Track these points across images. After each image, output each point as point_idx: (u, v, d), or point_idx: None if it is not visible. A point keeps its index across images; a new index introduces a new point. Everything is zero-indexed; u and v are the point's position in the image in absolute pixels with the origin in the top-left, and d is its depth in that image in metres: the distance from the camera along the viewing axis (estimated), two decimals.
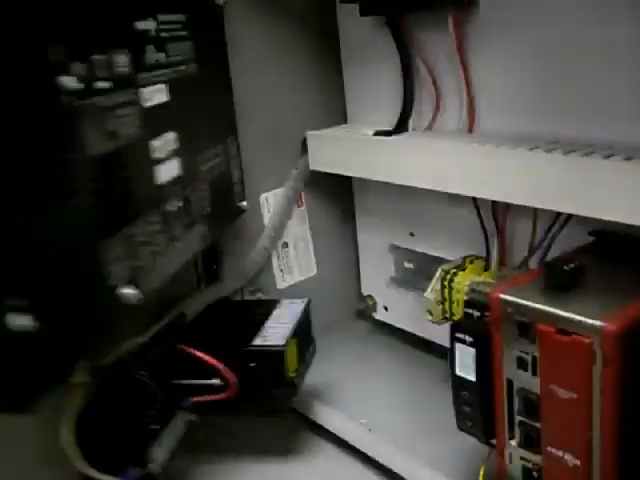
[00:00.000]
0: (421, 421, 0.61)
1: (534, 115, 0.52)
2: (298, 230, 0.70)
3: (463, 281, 0.57)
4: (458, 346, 0.47)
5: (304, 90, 0.69)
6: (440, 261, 0.62)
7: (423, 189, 0.57)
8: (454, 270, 0.58)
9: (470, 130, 0.56)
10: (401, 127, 0.60)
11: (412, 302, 0.68)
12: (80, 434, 0.47)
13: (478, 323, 0.46)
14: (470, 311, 0.47)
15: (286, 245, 0.70)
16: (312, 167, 0.67)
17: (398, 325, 0.71)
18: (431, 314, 0.59)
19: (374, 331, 0.76)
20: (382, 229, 0.70)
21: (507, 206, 0.56)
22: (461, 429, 0.49)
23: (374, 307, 0.73)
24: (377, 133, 0.61)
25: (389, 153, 0.58)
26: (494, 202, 0.56)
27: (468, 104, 0.56)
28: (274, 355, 0.55)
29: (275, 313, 0.60)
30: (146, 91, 0.46)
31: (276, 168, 0.68)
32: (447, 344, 0.63)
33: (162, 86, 0.49)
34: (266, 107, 0.66)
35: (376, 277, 0.72)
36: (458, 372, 0.47)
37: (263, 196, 0.67)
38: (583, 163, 0.46)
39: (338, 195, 0.73)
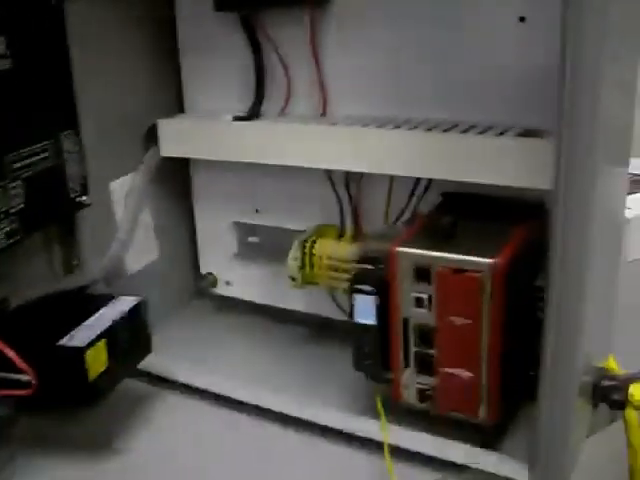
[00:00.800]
0: (298, 373, 0.67)
1: (380, 100, 0.62)
2: (141, 216, 0.73)
3: (323, 247, 0.65)
4: (359, 296, 0.55)
5: (141, 79, 0.71)
6: (287, 232, 0.70)
7: (266, 165, 0.65)
8: (313, 238, 0.66)
9: (323, 114, 0.65)
10: (255, 113, 0.66)
11: (259, 274, 0.75)
12: None
13: (374, 275, 0.55)
14: (365, 266, 0.55)
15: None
16: (165, 154, 0.70)
17: (245, 298, 0.77)
18: (294, 280, 0.66)
19: (217, 308, 0.81)
20: (223, 207, 0.75)
21: (360, 176, 0.65)
22: (358, 369, 0.57)
23: (215, 283, 0.78)
24: (237, 118, 0.66)
25: (253, 136, 0.64)
26: (347, 173, 0.65)
27: (320, 91, 0.64)
28: (71, 357, 0.53)
29: (102, 311, 0.59)
30: None
31: (123, 157, 0.70)
32: (300, 308, 0.72)
33: None
34: (104, 92, 0.67)
35: (217, 254, 0.77)
36: (358, 319, 0.55)
37: (113, 185, 0.69)
38: (433, 136, 0.57)
39: (173, 177, 0.76)
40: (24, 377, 0.53)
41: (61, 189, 0.61)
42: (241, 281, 0.77)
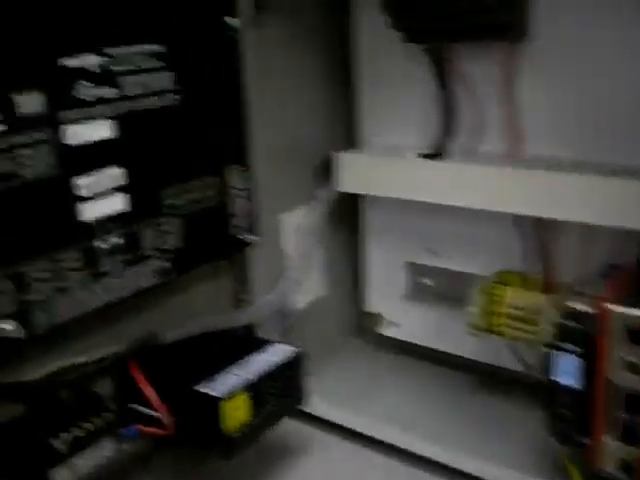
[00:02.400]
0: (465, 424, 0.65)
1: (577, 142, 0.59)
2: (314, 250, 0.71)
3: (510, 296, 0.61)
4: (561, 355, 0.51)
5: (314, 111, 0.70)
6: (464, 276, 0.67)
7: (448, 206, 0.62)
8: (497, 285, 0.63)
9: (514, 154, 0.62)
10: (442, 151, 0.64)
11: (429, 317, 0.72)
12: None
13: (580, 334, 0.51)
14: (569, 322, 0.52)
15: None
16: (341, 189, 0.69)
17: (412, 340, 0.74)
18: (475, 328, 0.63)
19: (379, 348, 0.78)
20: (396, 246, 0.73)
21: (553, 222, 0.61)
22: (553, 431, 0.54)
23: (380, 323, 0.76)
24: (423, 156, 0.64)
25: (440, 176, 0.62)
26: (538, 219, 0.61)
27: (513, 129, 0.61)
28: (206, 406, 0.52)
29: (256, 357, 0.57)
30: (72, 129, 0.47)
31: (295, 191, 0.69)
32: (471, 356, 0.69)
33: (104, 122, 0.49)
34: (279, 131, 0.66)
35: (385, 294, 0.75)
36: (557, 378, 0.52)
37: (284, 217, 0.68)
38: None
39: (341, 212, 0.74)
40: (162, 417, 0.52)
41: (224, 227, 0.59)
42: (409, 323, 0.74)
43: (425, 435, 0.62)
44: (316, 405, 0.66)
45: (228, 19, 0.56)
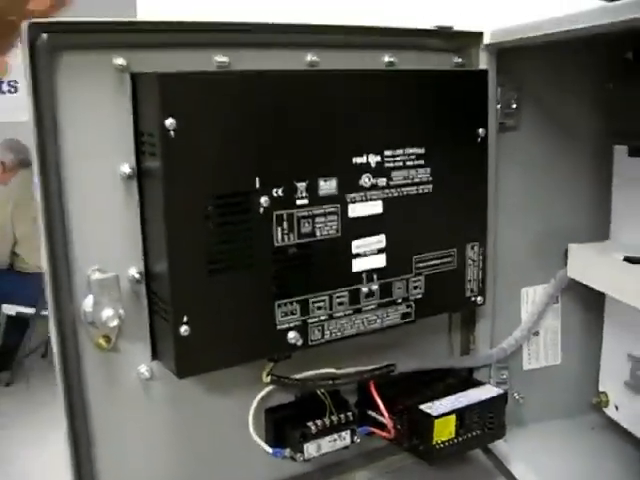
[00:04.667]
0: None
1: None
2: (550, 323, 0.82)
3: None
4: None
5: (566, 202, 0.81)
6: None
7: None
8: None
9: None
10: None
11: None
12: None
13: None
14: None
15: (537, 333, 0.81)
16: (570, 275, 0.79)
17: (625, 425, 0.80)
18: None
19: (605, 426, 0.85)
20: (626, 337, 0.79)
21: None
22: None
23: (607, 403, 0.83)
24: (627, 259, 0.72)
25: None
26: None
27: None
28: (423, 421, 0.69)
29: (468, 391, 0.72)
30: (353, 207, 0.63)
31: (539, 270, 0.81)
32: None
33: (376, 202, 0.65)
34: (535, 214, 0.79)
35: (614, 377, 0.82)
36: None
37: (524, 291, 0.80)
38: None
39: (590, 300, 0.82)
40: (386, 422, 0.71)
41: (458, 288, 0.73)
42: (628, 409, 0.80)
43: None
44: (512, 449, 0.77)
45: (480, 130, 0.71)
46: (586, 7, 0.59)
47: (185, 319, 0.56)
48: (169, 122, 0.54)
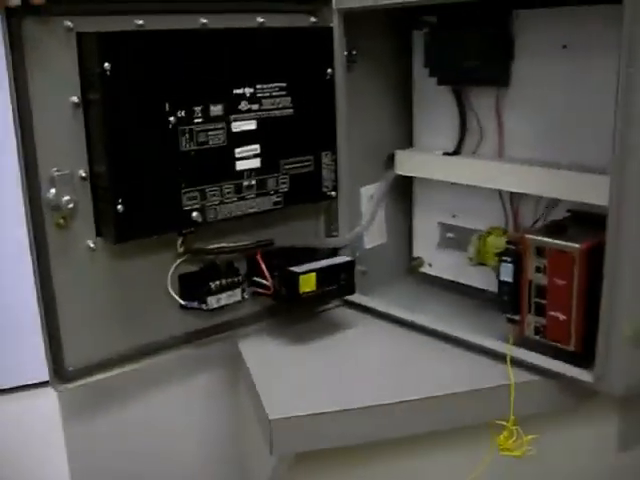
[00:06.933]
0: (464, 316, 1.03)
1: (540, 148, 0.96)
2: (379, 211, 1.13)
3: (493, 239, 1.00)
4: (503, 264, 0.89)
5: (386, 121, 1.12)
6: (472, 231, 1.05)
7: (462, 185, 1.02)
8: (485, 234, 1.01)
9: (500, 155, 1.00)
10: (458, 151, 1.04)
11: (452, 259, 1.11)
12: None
13: (514, 252, 0.89)
14: (509, 246, 0.89)
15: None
16: (398, 172, 1.10)
17: (441, 275, 1.14)
18: (471, 260, 1.02)
19: (420, 281, 1.18)
20: (433, 212, 1.13)
21: (519, 195, 0.99)
22: (502, 311, 0.91)
23: (421, 264, 1.16)
24: (445, 154, 1.04)
25: (455, 166, 1.03)
26: (511, 193, 0.99)
27: (499, 139, 1.00)
28: (292, 277, 0.95)
29: (327, 260, 1.00)
30: (234, 124, 0.91)
31: (371, 171, 1.11)
32: (475, 284, 1.07)
33: (251, 121, 0.93)
34: (363, 131, 1.08)
35: (425, 244, 1.16)
36: (502, 278, 0.90)
37: (363, 189, 1.09)
38: (564, 174, 0.90)
39: (403, 191, 1.15)
40: (268, 283, 0.97)
41: (317, 185, 1.02)
42: (439, 264, 1.15)
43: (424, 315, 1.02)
44: (366, 300, 1.08)
45: (328, 70, 1.00)
46: None
47: (120, 200, 0.83)
48: (106, 65, 0.79)
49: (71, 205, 0.83)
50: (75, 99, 0.82)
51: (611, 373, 0.80)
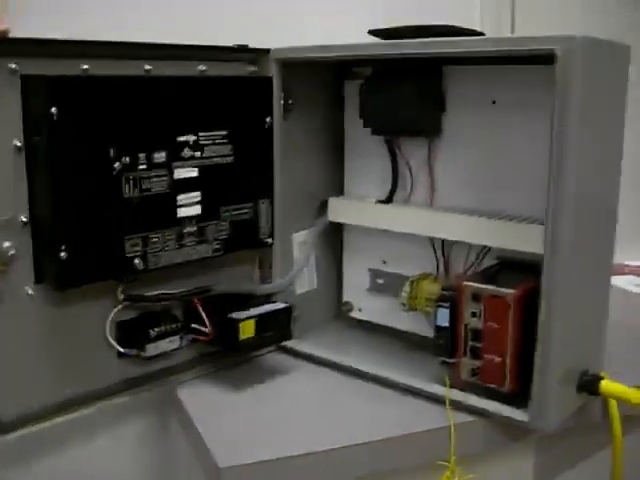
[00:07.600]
0: (397, 359, 1.05)
1: (470, 196, 1.01)
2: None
3: (425, 285, 1.03)
4: (440, 309, 0.93)
5: (320, 168, 1.14)
6: (402, 277, 1.08)
7: (393, 232, 1.05)
8: (417, 280, 1.04)
9: (432, 203, 1.04)
10: (390, 199, 1.07)
11: (383, 304, 1.14)
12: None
13: (450, 298, 0.92)
14: (445, 293, 0.93)
15: None
16: (331, 219, 1.13)
17: (371, 320, 1.16)
18: (404, 305, 1.05)
19: (351, 326, 1.20)
20: (362, 258, 1.16)
21: (450, 242, 1.03)
22: (436, 355, 0.94)
23: (351, 309, 1.19)
24: (378, 201, 1.08)
25: (387, 214, 1.06)
26: (442, 240, 1.03)
27: (430, 189, 1.04)
28: (232, 324, 0.95)
29: (265, 306, 1.01)
30: (177, 171, 0.92)
31: (304, 218, 1.12)
32: (405, 328, 1.10)
33: (193, 168, 0.94)
34: (297, 178, 1.10)
35: (354, 289, 1.18)
36: (439, 323, 0.93)
37: (294, 236, 1.11)
38: (494, 223, 0.95)
39: (333, 238, 1.17)
40: (207, 330, 0.97)
41: (254, 232, 1.03)
42: (369, 308, 1.17)
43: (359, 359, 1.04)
44: (303, 347, 1.09)
45: (267, 118, 1.02)
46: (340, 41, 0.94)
47: (63, 247, 0.81)
48: (53, 109, 0.78)
49: (12, 252, 0.81)
50: (17, 142, 0.81)
51: (546, 412, 0.84)
